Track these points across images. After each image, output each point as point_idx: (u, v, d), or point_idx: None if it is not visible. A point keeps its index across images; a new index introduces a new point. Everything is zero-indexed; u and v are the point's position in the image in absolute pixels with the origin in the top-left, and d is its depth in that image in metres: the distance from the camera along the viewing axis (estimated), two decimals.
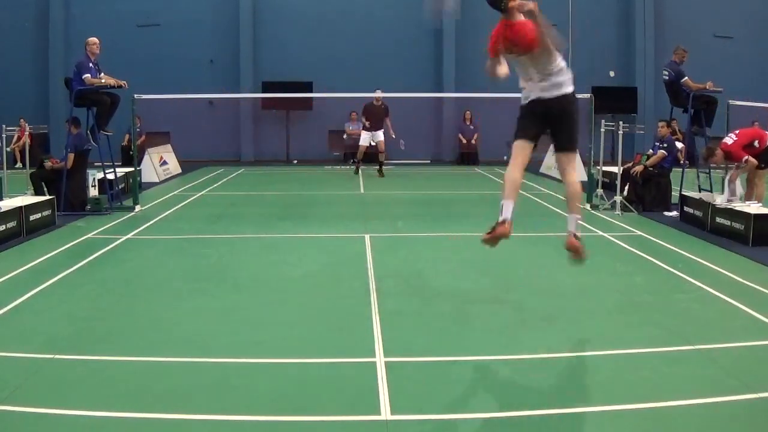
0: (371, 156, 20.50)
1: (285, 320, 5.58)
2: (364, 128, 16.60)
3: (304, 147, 21.03)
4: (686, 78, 10.75)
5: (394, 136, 16.63)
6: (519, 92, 5.52)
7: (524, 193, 13.78)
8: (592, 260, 7.78)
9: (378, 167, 16.65)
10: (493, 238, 5.24)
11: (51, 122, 18.75)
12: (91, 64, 10.54)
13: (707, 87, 10.67)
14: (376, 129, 16.35)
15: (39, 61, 20.38)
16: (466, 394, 4.10)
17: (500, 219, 5.23)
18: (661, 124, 11.58)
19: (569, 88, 5.36)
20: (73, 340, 5.02)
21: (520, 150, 5.41)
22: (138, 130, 15.00)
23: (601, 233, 9.29)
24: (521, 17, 5.14)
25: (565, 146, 5.49)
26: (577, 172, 5.87)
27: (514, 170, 5.38)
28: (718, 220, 9.04)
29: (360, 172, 16.69)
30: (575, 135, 5.51)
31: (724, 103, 11.43)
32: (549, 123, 5.41)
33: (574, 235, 5.45)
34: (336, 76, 19.36)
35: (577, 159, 17.37)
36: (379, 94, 15.88)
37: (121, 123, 14.14)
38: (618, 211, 10.79)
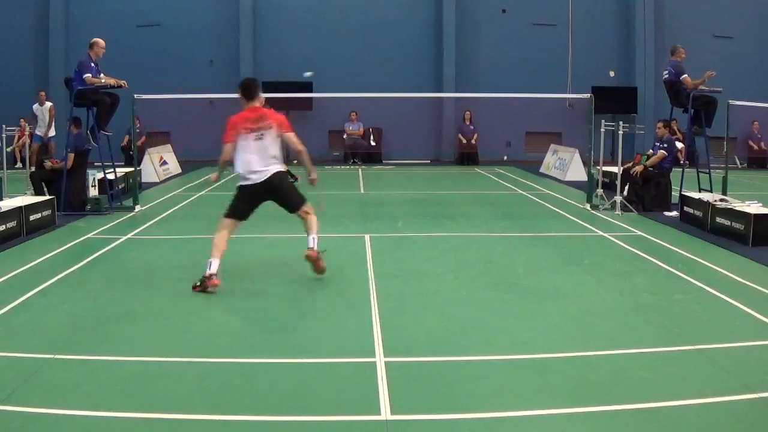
0: (372, 156, 20.57)
1: (285, 320, 5.58)
2: None
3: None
4: (685, 75, 10.72)
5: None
6: (519, 93, 5.52)
7: (524, 193, 13.78)
8: (592, 260, 7.81)
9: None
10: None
11: None
12: (92, 64, 10.53)
13: (705, 79, 10.59)
14: None
15: (39, 61, 20.38)
16: (466, 394, 4.10)
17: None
18: (658, 124, 11.59)
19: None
20: (73, 340, 5.01)
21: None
22: (138, 130, 14.98)
23: (601, 233, 9.29)
24: None
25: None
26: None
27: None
28: (718, 220, 9.03)
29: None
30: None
31: (724, 103, 11.42)
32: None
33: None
34: (336, 76, 19.35)
35: (579, 155, 17.17)
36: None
37: (121, 123, 14.12)
38: (618, 211, 10.79)
